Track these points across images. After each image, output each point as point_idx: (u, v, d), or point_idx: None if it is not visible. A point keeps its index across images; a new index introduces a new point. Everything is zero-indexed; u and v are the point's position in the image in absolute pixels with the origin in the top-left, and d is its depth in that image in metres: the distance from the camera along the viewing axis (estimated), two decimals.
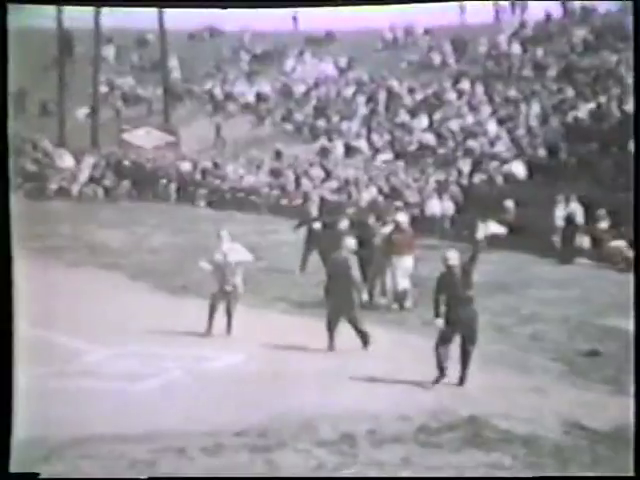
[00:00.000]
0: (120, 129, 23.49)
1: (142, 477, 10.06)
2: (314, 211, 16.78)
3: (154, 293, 15.19)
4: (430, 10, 20.57)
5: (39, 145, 22.94)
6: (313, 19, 23.48)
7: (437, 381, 11.50)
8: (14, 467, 10.73)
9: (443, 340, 11.41)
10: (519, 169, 19.40)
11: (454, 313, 11.34)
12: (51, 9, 22.04)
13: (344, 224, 15.05)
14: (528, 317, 13.61)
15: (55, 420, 10.77)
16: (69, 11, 22.46)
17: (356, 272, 12.79)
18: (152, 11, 22.75)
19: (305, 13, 23.64)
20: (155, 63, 24.87)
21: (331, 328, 12.59)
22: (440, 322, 11.42)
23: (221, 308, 13.53)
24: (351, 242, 13.21)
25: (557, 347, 12.60)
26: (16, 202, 17.84)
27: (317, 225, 16.20)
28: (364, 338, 12.64)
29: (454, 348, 11.51)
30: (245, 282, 13.62)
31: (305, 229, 16.31)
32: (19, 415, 11.11)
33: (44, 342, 12.45)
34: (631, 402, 10.83)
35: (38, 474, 10.42)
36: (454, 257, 11.47)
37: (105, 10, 22.27)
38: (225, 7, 12.47)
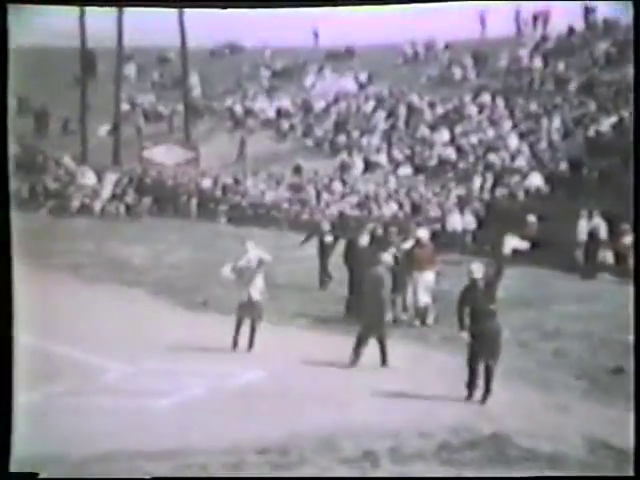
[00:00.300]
0: (141, 146, 23.62)
1: (146, 477, 10.07)
2: (326, 226, 16.72)
3: (175, 309, 15.19)
4: (450, 24, 20.55)
5: (61, 163, 23.11)
6: (333, 34, 23.53)
7: (469, 397, 11.39)
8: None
9: (474, 355, 11.31)
10: (537, 180, 19.31)
11: (477, 327, 11.25)
12: (74, 27, 22.27)
13: (364, 239, 15.00)
14: (551, 333, 13.48)
15: (73, 437, 10.77)
16: (91, 30, 22.68)
17: (388, 289, 12.76)
18: (173, 28, 22.91)
19: (325, 28, 23.70)
20: (176, 80, 25.02)
21: (360, 345, 12.50)
22: (465, 335, 11.32)
23: (245, 323, 13.51)
24: (388, 258, 13.19)
25: (580, 364, 12.45)
26: (39, 219, 18.05)
27: (329, 239, 16.17)
28: (385, 356, 12.56)
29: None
30: (265, 294, 13.59)
31: (317, 243, 16.31)
32: (34, 432, 11.12)
33: (64, 359, 12.47)
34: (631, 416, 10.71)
35: (38, 474, 10.47)
36: (478, 270, 11.40)
37: (127, 26, 22.47)
38: (225, 7, 12.42)
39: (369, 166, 22.17)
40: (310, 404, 11.26)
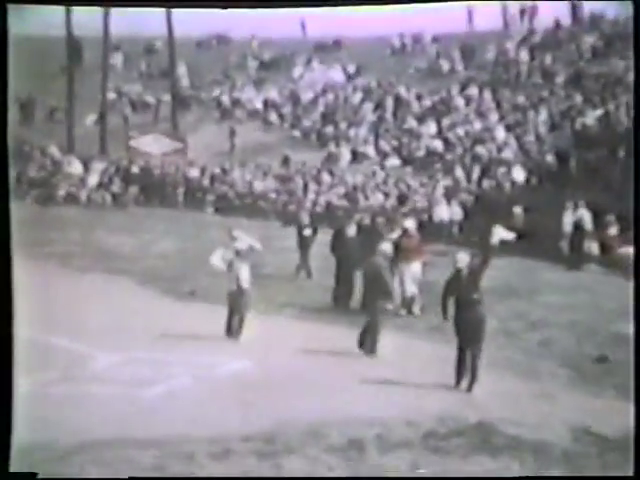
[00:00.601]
0: (128, 136, 23.54)
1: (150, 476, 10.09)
2: (305, 219, 16.75)
3: (162, 299, 15.18)
4: (438, 17, 20.57)
5: (47, 152, 23.01)
6: (321, 26, 23.51)
7: (457, 384, 11.54)
8: (16, 468, 10.74)
9: (459, 343, 11.49)
10: (520, 175, 19.36)
11: (461, 316, 11.31)
12: (60, 16, 22.16)
13: (352, 230, 15.03)
14: (537, 323, 13.56)
15: (61, 425, 10.77)
16: (78, 18, 22.57)
17: (389, 278, 12.80)
18: (160, 18, 22.83)
19: (313, 19, 23.68)
20: (163, 70, 24.93)
21: (376, 333, 12.52)
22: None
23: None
24: (387, 247, 13.23)
25: (566, 353, 12.55)
26: (24, 208, 17.95)
27: (307, 232, 16.21)
28: (374, 345, 12.63)
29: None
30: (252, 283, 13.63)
31: (296, 236, 16.40)
32: (24, 420, 11.10)
33: (51, 347, 12.46)
34: (631, 407, 10.78)
35: (37, 474, 10.45)
36: (463, 260, 11.47)
37: (114, 15, 22.37)
38: (226, 7, 12.39)
39: (357, 157, 22.21)
40: (296, 393, 11.29)
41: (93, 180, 22.17)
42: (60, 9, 21.48)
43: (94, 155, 22.97)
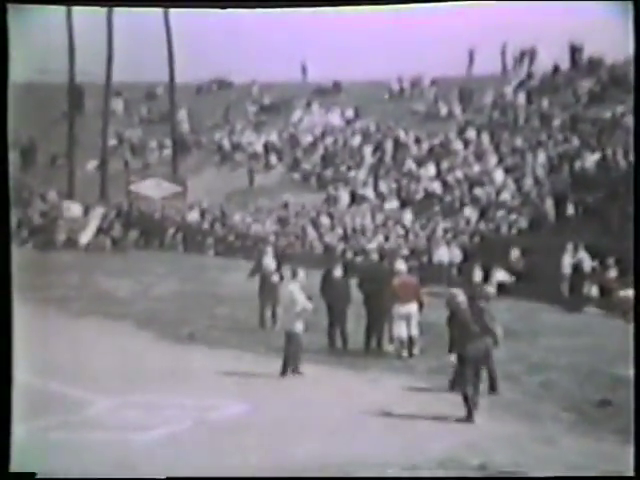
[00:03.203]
0: (128, 180, 23.66)
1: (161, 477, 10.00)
2: (271, 265, 16.21)
3: (160, 341, 15.13)
4: (437, 61, 20.80)
5: (47, 197, 23.11)
6: (321, 69, 23.77)
7: (469, 419, 11.53)
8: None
9: (461, 377, 11.56)
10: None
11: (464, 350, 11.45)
12: (63, 60, 22.42)
13: (338, 271, 14.98)
14: (537, 365, 13.48)
15: (59, 471, 10.66)
16: (80, 66, 22.83)
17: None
18: (162, 64, 23.10)
19: (313, 63, 23.96)
20: (163, 115, 25.16)
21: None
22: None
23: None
24: None
25: (567, 396, 12.44)
26: (24, 253, 17.97)
27: (274, 279, 15.84)
28: None
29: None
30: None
31: (259, 282, 16.03)
32: (21, 466, 11.00)
33: (48, 393, 12.37)
34: (628, 449, 10.69)
35: (36, 474, 10.35)
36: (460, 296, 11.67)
37: (116, 60, 22.64)
38: (225, 7, 12.50)
39: (356, 199, 22.29)
40: (296, 436, 11.18)
41: (93, 225, 22.24)
42: (60, 50, 21.79)
43: (95, 200, 23.07)
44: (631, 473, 10.53)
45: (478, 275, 17.05)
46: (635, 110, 12.15)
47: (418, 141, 23.44)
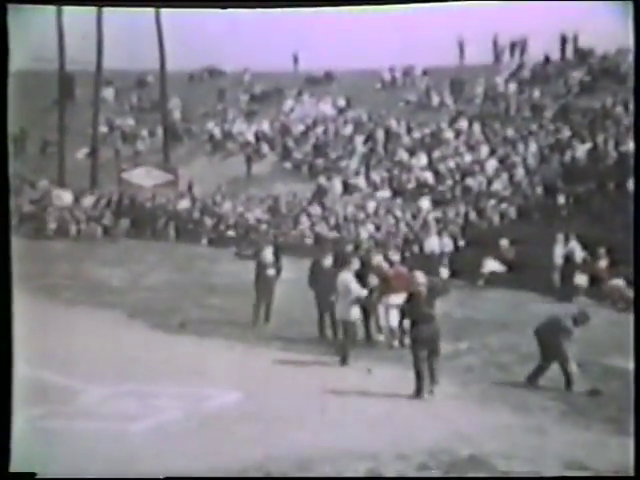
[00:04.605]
0: (119, 169, 23.62)
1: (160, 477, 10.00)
2: (268, 257, 15.91)
3: (152, 331, 15.12)
4: (429, 51, 20.80)
5: (37, 185, 23.04)
6: (312, 59, 23.74)
7: (418, 395, 11.95)
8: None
9: (417, 357, 12.00)
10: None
11: (420, 330, 11.91)
12: (52, 47, 22.32)
13: (328, 261, 14.99)
14: (528, 355, 13.51)
15: (52, 461, 10.65)
16: (70, 54, 22.73)
17: None
18: (153, 51, 23.02)
19: (305, 52, 23.92)
20: (155, 103, 25.11)
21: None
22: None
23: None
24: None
25: (557, 386, 12.49)
26: (15, 242, 17.90)
27: (271, 272, 15.72)
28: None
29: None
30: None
31: (255, 275, 15.78)
32: (14, 456, 10.99)
33: (41, 382, 12.34)
34: (631, 442, 10.73)
35: (37, 474, 10.35)
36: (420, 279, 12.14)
37: (106, 47, 22.55)
38: (225, 7, 12.46)
39: (347, 189, 22.30)
40: (287, 427, 11.20)
41: (83, 213, 22.20)
42: (50, 38, 21.68)
43: (85, 188, 23.01)
44: (632, 472, 10.58)
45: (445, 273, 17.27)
46: (635, 107, 12.16)
47: (410, 131, 23.47)
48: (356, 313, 13.44)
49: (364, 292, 13.44)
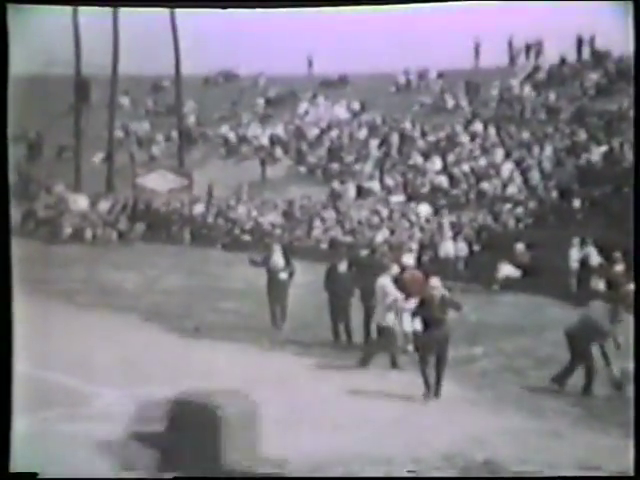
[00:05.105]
0: (135, 173, 23.68)
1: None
2: (279, 262, 15.76)
3: (167, 335, 15.14)
4: (444, 53, 20.74)
5: (53, 190, 23.12)
6: (327, 62, 23.74)
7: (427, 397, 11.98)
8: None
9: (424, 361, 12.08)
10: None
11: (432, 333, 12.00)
12: (69, 56, 22.43)
13: (343, 266, 14.96)
14: (544, 360, 13.45)
15: (67, 464, 10.67)
16: (86, 58, 22.82)
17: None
18: (168, 57, 23.08)
19: (319, 55, 23.93)
20: (170, 108, 25.16)
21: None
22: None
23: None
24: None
25: (574, 391, 12.42)
26: (30, 246, 18.00)
27: (283, 276, 15.65)
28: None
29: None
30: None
31: (267, 279, 15.69)
32: (22, 458, 11.02)
33: (56, 385, 12.38)
34: (631, 443, 10.66)
35: (37, 474, 10.37)
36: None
37: (122, 53, 22.63)
38: (225, 7, 12.45)
39: (362, 193, 22.26)
40: (301, 430, 11.18)
41: (99, 218, 22.26)
42: (66, 44, 21.78)
43: (101, 193, 23.09)
44: (631, 471, 10.50)
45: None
46: (635, 108, 12.09)
47: (424, 134, 23.40)
48: (391, 318, 13.38)
49: (401, 297, 13.38)
